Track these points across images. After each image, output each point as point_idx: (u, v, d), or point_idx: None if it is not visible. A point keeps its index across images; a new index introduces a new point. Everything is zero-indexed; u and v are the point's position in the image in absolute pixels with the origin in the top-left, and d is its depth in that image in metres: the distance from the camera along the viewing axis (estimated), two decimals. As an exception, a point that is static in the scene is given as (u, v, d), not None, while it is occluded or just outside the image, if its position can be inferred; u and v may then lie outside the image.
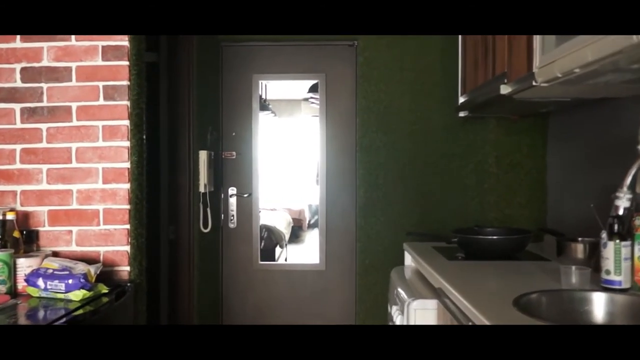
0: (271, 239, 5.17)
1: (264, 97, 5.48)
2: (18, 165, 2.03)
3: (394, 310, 2.03)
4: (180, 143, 2.95)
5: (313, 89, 4.05)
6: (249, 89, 3.48)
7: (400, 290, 2.06)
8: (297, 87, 5.55)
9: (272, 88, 5.66)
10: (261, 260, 3.60)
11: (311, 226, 6.70)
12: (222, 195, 3.47)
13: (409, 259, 2.51)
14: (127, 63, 2.00)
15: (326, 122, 3.47)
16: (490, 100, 2.14)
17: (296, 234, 6.66)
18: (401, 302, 1.94)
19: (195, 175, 3.00)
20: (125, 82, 2.00)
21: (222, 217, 3.47)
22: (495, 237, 2.14)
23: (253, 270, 3.53)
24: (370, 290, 3.06)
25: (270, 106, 5.78)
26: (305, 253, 6.36)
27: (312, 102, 5.07)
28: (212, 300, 3.35)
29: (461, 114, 2.67)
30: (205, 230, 3.07)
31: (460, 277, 1.77)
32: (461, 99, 2.61)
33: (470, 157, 2.91)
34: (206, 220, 3.08)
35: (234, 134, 3.49)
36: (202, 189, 3.03)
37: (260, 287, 3.53)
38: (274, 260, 5.02)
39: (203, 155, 3.04)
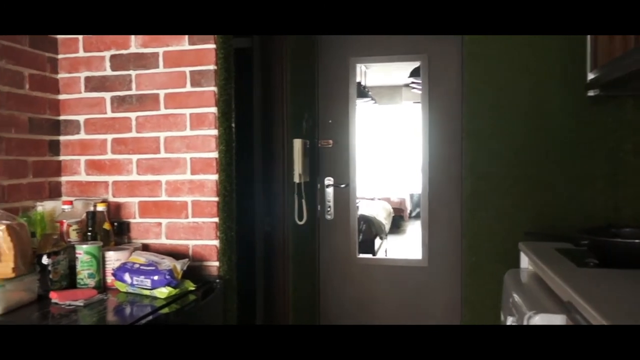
0: (371, 230, 4.98)
1: (363, 83, 5.29)
2: (109, 156, 2.00)
3: (510, 322, 1.75)
4: (275, 131, 2.83)
5: (414, 73, 3.80)
6: (346, 73, 3.29)
7: (516, 298, 1.77)
8: (397, 73, 5.29)
9: (372, 74, 5.45)
10: (360, 253, 3.43)
11: (413, 217, 6.43)
12: (318, 185, 3.32)
13: (525, 261, 2.19)
14: (213, 46, 1.88)
15: (429, 107, 3.20)
16: (631, 75, 1.77)
17: (397, 224, 6.42)
18: (519, 314, 1.65)
19: (289, 164, 2.86)
20: (212, 67, 1.89)
21: (319, 208, 3.33)
22: (638, 240, 1.78)
23: (351, 263, 3.36)
24: (477, 292, 2.76)
25: (370, 93, 5.57)
26: (406, 244, 6.10)
27: (414, 88, 4.78)
28: (309, 295, 3.22)
29: (590, 93, 2.28)
30: (300, 223, 2.94)
31: (595, 289, 1.46)
32: (591, 75, 2.22)
33: (600, 143, 2.50)
34: (301, 212, 2.94)
35: (330, 121, 3.32)
36: (296, 179, 2.90)
37: (358, 281, 3.35)
38: (373, 252, 4.84)
39: (298, 143, 2.90)
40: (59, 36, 2.00)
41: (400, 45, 3.21)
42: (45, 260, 1.62)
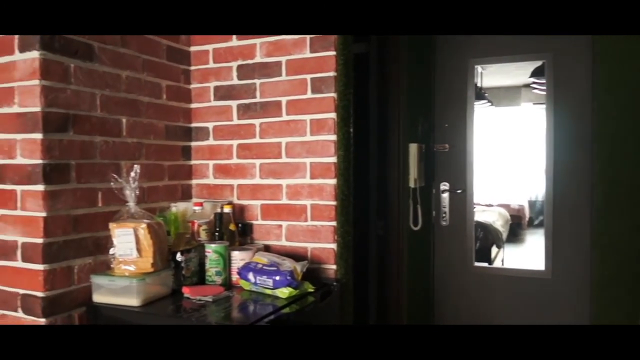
0: (487, 238, 4.78)
1: (479, 84, 5.10)
2: (235, 160, 2.11)
3: (651, 344, 1.59)
4: (390, 136, 2.82)
5: (536, 73, 3.59)
6: (463, 75, 3.21)
7: (660, 318, 1.61)
8: (516, 72, 5.03)
9: (489, 75, 5.23)
10: (476, 261, 3.31)
11: (533, 225, 6.08)
12: (434, 190, 3.26)
13: (669, 277, 1.98)
14: (334, 53, 1.92)
15: (554, 109, 3.02)
16: None
17: (515, 233, 6.10)
18: (663, 336, 1.50)
19: (404, 169, 2.84)
20: (332, 74, 1.92)
21: (434, 214, 3.27)
22: None
23: (467, 272, 3.26)
24: (609, 309, 2.55)
25: (486, 95, 5.36)
26: (525, 254, 5.77)
27: (535, 88, 4.54)
28: (423, 303, 3.17)
29: None
30: (416, 228, 2.90)
31: None
32: None
33: None
34: (416, 217, 2.91)
35: (446, 125, 3.25)
36: (412, 184, 2.87)
37: (475, 291, 3.24)
38: (489, 261, 4.64)
39: (413, 148, 2.87)
40: (191, 49, 2.15)
41: (522, 43, 3.07)
42: (179, 257, 1.74)
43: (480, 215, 4.93)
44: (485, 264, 4.15)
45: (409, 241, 2.86)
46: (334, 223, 1.96)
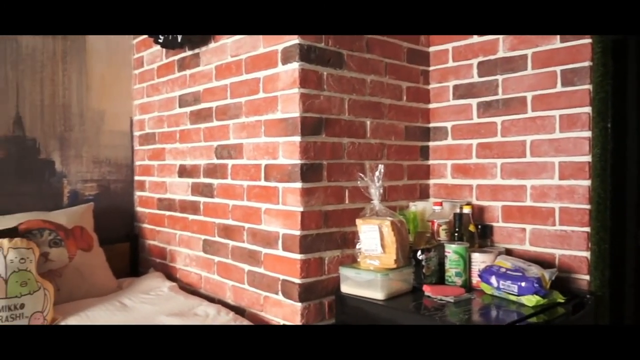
0: None
1: None
2: (474, 160, 2.05)
3: None
4: (654, 131, 2.43)
5: None
6: None
7: None
8: None
9: None
10: None
11: None
12: None
13: None
14: (589, 41, 1.73)
15: None
16: None
17: None
18: None
19: (673, 170, 2.42)
20: (587, 63, 1.74)
21: None
22: None
23: None
24: None
25: None
26: None
27: None
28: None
29: None
30: (687, 239, 2.45)
31: None
32: None
33: None
34: (688, 227, 2.46)
35: None
36: (683, 188, 2.43)
37: None
38: None
39: (685, 145, 2.43)
40: (430, 49, 2.17)
41: None
42: (420, 255, 1.77)
43: None
44: None
45: (678, 254, 2.43)
46: (587, 229, 1.77)
